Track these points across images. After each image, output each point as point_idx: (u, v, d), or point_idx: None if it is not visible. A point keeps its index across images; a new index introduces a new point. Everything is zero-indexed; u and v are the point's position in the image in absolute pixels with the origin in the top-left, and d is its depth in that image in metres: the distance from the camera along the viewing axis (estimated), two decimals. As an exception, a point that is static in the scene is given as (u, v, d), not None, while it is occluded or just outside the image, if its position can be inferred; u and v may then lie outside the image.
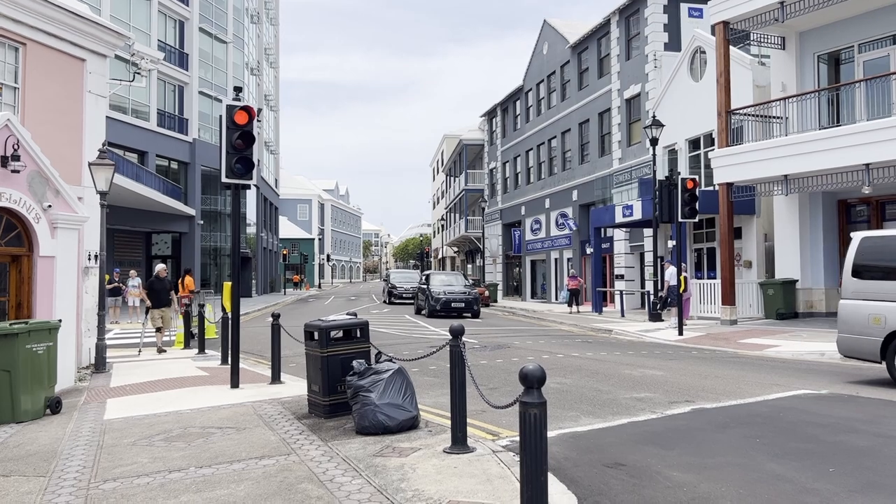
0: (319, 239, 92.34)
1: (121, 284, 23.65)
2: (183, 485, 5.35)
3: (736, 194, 19.23)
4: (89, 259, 12.75)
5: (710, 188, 20.62)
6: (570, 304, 27.48)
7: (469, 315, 25.67)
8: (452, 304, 25.57)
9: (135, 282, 24.06)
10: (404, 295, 36.08)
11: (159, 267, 15.83)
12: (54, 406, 8.57)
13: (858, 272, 10.01)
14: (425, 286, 27.53)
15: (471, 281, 33.76)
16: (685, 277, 18.00)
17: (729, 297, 18.81)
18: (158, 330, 15.17)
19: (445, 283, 28.07)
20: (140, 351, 14.65)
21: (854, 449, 6.10)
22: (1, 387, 7.99)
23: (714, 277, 21.55)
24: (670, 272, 19.49)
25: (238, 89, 10.46)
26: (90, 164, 12.30)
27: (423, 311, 26.95)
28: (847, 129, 16.31)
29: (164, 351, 14.89)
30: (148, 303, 15.26)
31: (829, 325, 16.67)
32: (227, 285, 15.28)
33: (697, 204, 17.94)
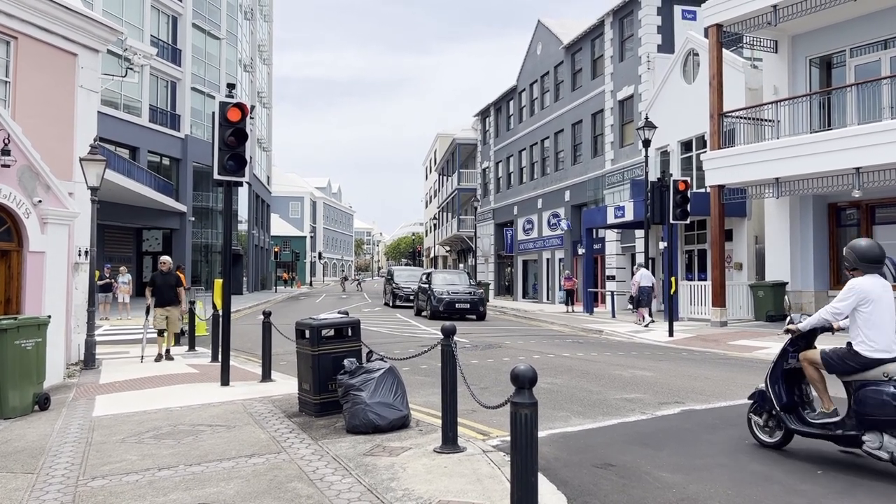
0: (311, 237, 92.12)
1: (112, 280, 23.51)
2: (172, 483, 5.33)
3: (727, 196, 19.31)
4: (79, 255, 12.69)
5: (702, 190, 20.70)
6: (566, 304, 27.82)
7: (474, 317, 24.49)
8: (456, 305, 24.25)
9: (125, 278, 23.92)
10: (412, 297, 30.71)
11: (163, 258, 13.65)
12: (43, 402, 8.52)
13: None
14: (426, 286, 26.25)
15: (476, 281, 32.56)
16: (675, 279, 18.08)
17: (719, 299, 18.89)
18: (160, 333, 12.92)
19: (448, 282, 26.52)
20: (143, 358, 12.58)
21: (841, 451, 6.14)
22: (-11, 383, 7.95)
23: (705, 279, 21.63)
24: (640, 274, 20.40)
25: (231, 86, 10.43)
26: (81, 160, 12.24)
27: (424, 313, 25.56)
28: (838, 132, 16.41)
29: (172, 359, 12.83)
30: (149, 301, 12.99)
31: (819, 328, 16.78)
32: (218, 282, 15.09)
33: (689, 206, 18.00)
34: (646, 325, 19.32)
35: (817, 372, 5.97)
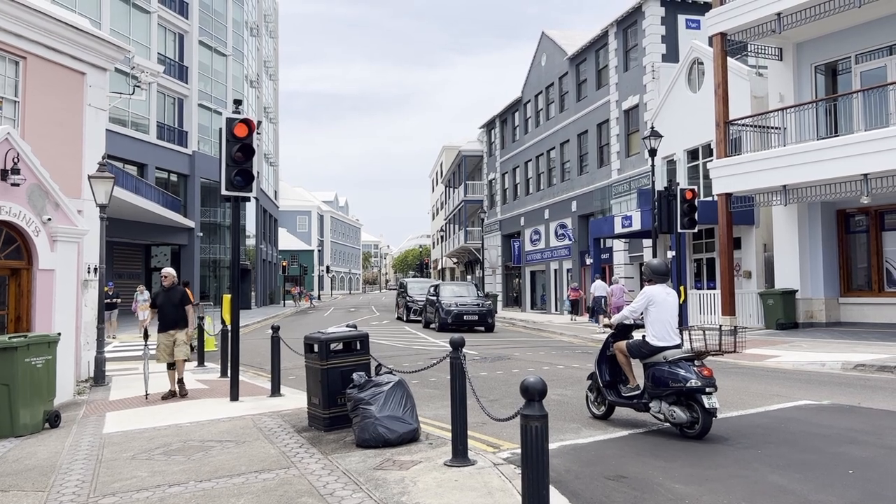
0: (319, 250, 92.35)
1: (116, 300, 23.48)
2: (182, 499, 5.32)
3: (735, 205, 19.26)
4: (88, 272, 12.74)
5: (709, 199, 20.65)
6: (571, 314, 27.91)
7: (483, 328, 24.44)
8: (465, 317, 24.16)
9: (144, 296, 23.94)
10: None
11: (164, 271, 10.93)
12: (53, 420, 8.54)
13: None
14: (434, 298, 26.05)
15: (484, 292, 32.33)
16: (683, 288, 18.02)
17: (729, 308, 18.80)
18: (171, 367, 10.47)
19: (456, 294, 26.34)
20: (147, 395, 10.29)
21: (856, 460, 6.08)
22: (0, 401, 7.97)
23: (714, 288, 21.55)
24: (595, 285, 23.04)
25: (238, 102, 10.49)
26: (90, 177, 12.32)
27: (433, 325, 25.43)
28: (845, 139, 16.36)
29: (185, 394, 10.38)
30: (147, 322, 10.95)
31: (830, 335, 16.67)
32: (227, 297, 15.16)
33: (696, 214, 17.98)
34: (601, 331, 19.96)
35: (625, 357, 7.81)
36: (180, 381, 10.53)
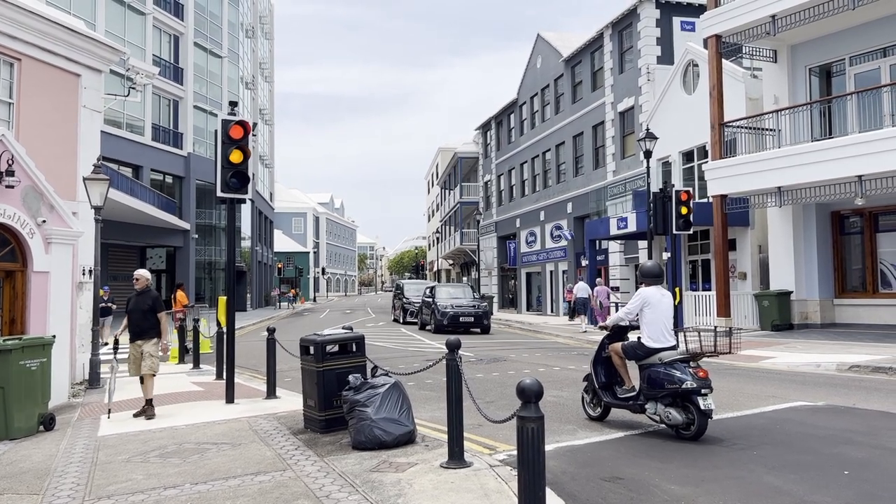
0: (314, 252, 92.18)
1: (112, 305, 23.35)
2: (178, 501, 5.31)
3: (730, 206, 19.30)
4: (83, 274, 12.71)
5: (705, 200, 20.69)
6: (572, 316, 28.02)
7: (478, 330, 24.54)
8: (461, 319, 24.30)
9: None
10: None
11: (136, 273, 9.46)
12: (48, 422, 8.51)
13: None
14: (430, 300, 26.07)
15: (480, 294, 32.35)
16: (678, 290, 18.05)
17: (724, 309, 18.83)
18: (142, 380, 9.06)
19: (452, 295, 26.44)
20: (110, 412, 9.05)
21: (852, 461, 6.10)
22: (-6, 403, 7.94)
23: (709, 289, 21.59)
24: (578, 286, 24.10)
25: (233, 104, 10.47)
26: (85, 179, 12.29)
27: (429, 327, 25.39)
28: (839, 141, 16.42)
29: (152, 416, 8.81)
30: (118, 330, 9.57)
31: (825, 337, 16.72)
32: (222, 299, 15.12)
33: (692, 216, 18.00)
34: (583, 331, 21.46)
35: (620, 359, 7.86)
36: (148, 401, 8.97)
